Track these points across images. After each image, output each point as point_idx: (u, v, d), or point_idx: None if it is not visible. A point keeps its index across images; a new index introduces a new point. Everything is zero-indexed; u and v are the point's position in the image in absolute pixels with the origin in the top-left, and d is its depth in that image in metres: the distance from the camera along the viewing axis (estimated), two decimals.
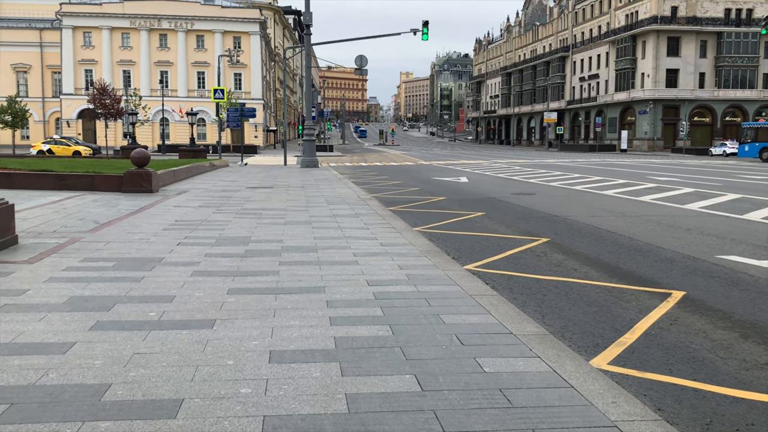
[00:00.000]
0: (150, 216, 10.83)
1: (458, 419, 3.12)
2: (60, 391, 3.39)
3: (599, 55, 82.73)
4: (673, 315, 5.62)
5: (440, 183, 21.96)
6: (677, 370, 4.32)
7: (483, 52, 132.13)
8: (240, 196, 14.71)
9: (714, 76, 71.59)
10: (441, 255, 7.56)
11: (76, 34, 73.59)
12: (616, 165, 36.22)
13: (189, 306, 5.08)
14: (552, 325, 5.28)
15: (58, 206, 11.90)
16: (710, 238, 9.88)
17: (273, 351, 4.05)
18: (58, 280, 5.91)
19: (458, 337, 4.38)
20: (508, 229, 10.89)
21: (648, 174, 26.85)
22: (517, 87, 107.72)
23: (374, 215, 11.40)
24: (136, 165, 15.26)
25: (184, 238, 8.46)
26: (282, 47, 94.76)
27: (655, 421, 3.14)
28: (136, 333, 4.38)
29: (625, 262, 8.05)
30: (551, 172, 28.13)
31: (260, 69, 77.66)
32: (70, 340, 4.20)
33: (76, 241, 8.09)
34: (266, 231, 9.25)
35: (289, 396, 3.36)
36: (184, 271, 6.39)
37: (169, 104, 71.20)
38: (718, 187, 19.53)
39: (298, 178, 22.11)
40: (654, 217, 12.34)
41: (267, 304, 5.15)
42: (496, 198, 16.34)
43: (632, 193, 17.53)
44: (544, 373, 3.73)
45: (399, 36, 32.41)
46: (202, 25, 75.03)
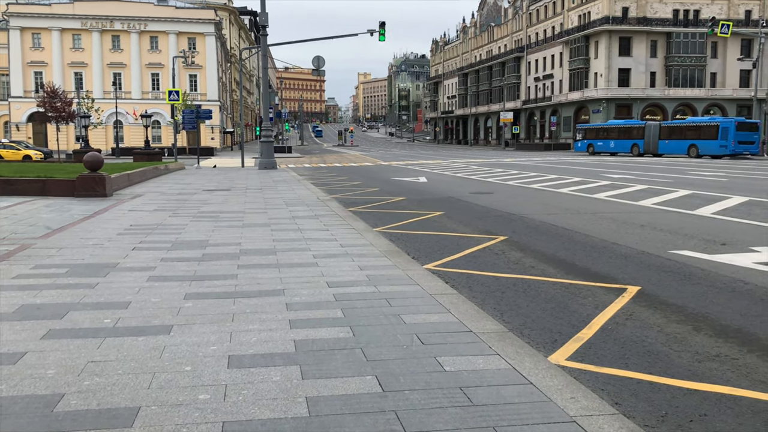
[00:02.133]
0: (104, 221, 10.61)
1: (419, 419, 3.13)
2: (10, 402, 3.29)
3: (553, 56, 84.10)
4: (629, 310, 5.73)
5: (400, 183, 22.02)
6: (633, 364, 4.41)
7: (440, 53, 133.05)
8: (197, 199, 14.52)
9: (664, 75, 73.45)
10: (401, 255, 7.58)
11: (25, 35, 71.76)
12: (571, 163, 36.83)
13: (145, 312, 4.98)
14: (511, 323, 5.33)
15: (7, 212, 11.56)
16: (663, 233, 10.11)
17: (232, 356, 4.00)
18: (7, 288, 5.74)
19: (419, 337, 4.38)
20: (466, 228, 10.97)
21: (602, 172, 27.36)
22: (473, 87, 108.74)
23: (334, 216, 11.37)
24: (89, 169, 14.93)
25: (140, 243, 8.30)
26: (238, 48, 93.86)
27: (613, 415, 3.19)
28: (91, 340, 4.28)
29: (581, 258, 8.18)
30: (508, 171, 28.45)
31: (216, 70, 76.83)
32: (20, 350, 4.08)
33: (27, 247, 7.88)
34: (224, 234, 9.14)
35: (249, 401, 3.32)
36: (140, 276, 6.27)
37: (123, 106, 70.00)
38: (670, 184, 20.00)
39: (257, 180, 21.92)
40: (609, 214, 12.57)
41: (225, 309, 5.08)
42: (454, 197, 16.45)
43: (587, 191, 17.84)
44: (504, 371, 3.76)
45: (357, 37, 32.48)
46: (155, 26, 73.93)
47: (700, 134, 46.15)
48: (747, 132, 44.63)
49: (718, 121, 46.99)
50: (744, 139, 44.26)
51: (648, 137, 50.30)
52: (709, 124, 46.58)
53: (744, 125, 45.02)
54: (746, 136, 44.43)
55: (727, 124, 44.95)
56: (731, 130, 43.87)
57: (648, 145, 50.22)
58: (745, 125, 45.16)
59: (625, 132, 52.93)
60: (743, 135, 44.27)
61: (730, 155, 44.17)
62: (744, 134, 44.32)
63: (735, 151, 43.88)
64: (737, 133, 43.92)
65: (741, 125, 44.80)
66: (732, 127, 44.05)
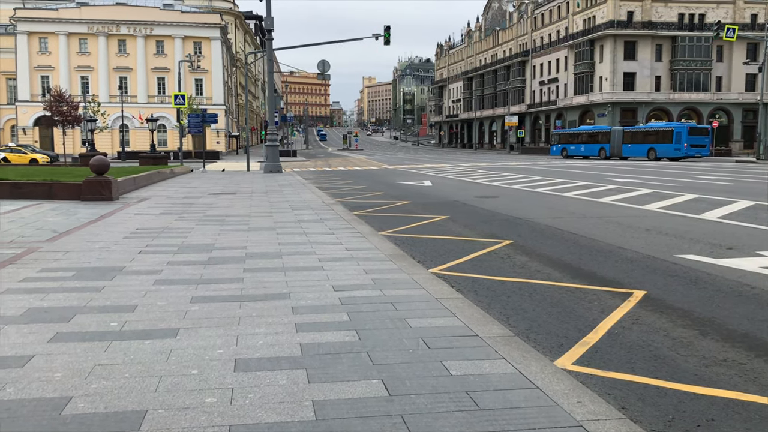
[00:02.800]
0: (110, 224, 10.64)
1: (426, 423, 3.12)
2: (18, 405, 3.30)
3: (558, 60, 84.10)
4: (635, 314, 5.72)
5: (404, 187, 22.03)
6: (640, 369, 4.40)
7: (444, 57, 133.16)
8: (202, 203, 14.55)
9: (669, 79, 73.36)
10: (406, 259, 7.58)
11: (32, 39, 72.12)
12: (577, 167, 36.79)
13: (151, 315, 4.99)
14: (517, 327, 5.32)
15: (14, 216, 11.61)
16: (669, 237, 10.08)
17: (238, 359, 4.00)
18: (15, 291, 5.76)
19: (425, 341, 4.38)
20: (472, 232, 10.97)
21: (608, 175, 27.32)
22: (478, 91, 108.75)
23: (339, 220, 11.38)
24: (96, 172, 14.98)
25: (146, 246, 8.32)
26: (243, 52, 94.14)
27: (620, 420, 3.18)
28: (98, 344, 4.29)
29: (587, 262, 8.16)
30: (513, 175, 28.43)
31: (222, 74, 77.06)
32: (28, 353, 4.10)
33: (34, 251, 7.90)
34: (230, 238, 9.16)
35: (256, 404, 3.32)
36: (146, 279, 6.29)
37: (129, 110, 70.21)
38: (676, 188, 19.95)
39: (262, 183, 21.96)
40: (614, 218, 12.55)
41: (231, 312, 5.09)
42: (459, 201, 16.45)
43: (593, 195, 17.81)
44: (510, 375, 3.76)
45: (362, 41, 32.83)
46: (161, 30, 74.20)
47: (658, 138, 49.73)
48: (699, 136, 48.67)
49: (672, 126, 50.30)
50: (696, 143, 48.17)
51: (613, 141, 53.75)
52: (665, 129, 50.07)
53: (696, 130, 48.91)
54: (698, 140, 48.44)
55: (681, 129, 48.39)
56: (684, 135, 47.59)
57: (613, 148, 53.68)
58: (697, 130, 49.09)
59: (594, 137, 56.64)
60: (695, 139, 48.16)
61: (683, 157, 47.67)
62: (696, 138, 48.25)
63: (687, 153, 47.57)
64: (690, 137, 47.69)
65: (693, 130, 48.55)
66: (684, 132, 47.73)
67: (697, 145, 48.29)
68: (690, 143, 47.76)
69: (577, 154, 57.89)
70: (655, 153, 49.42)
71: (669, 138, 48.58)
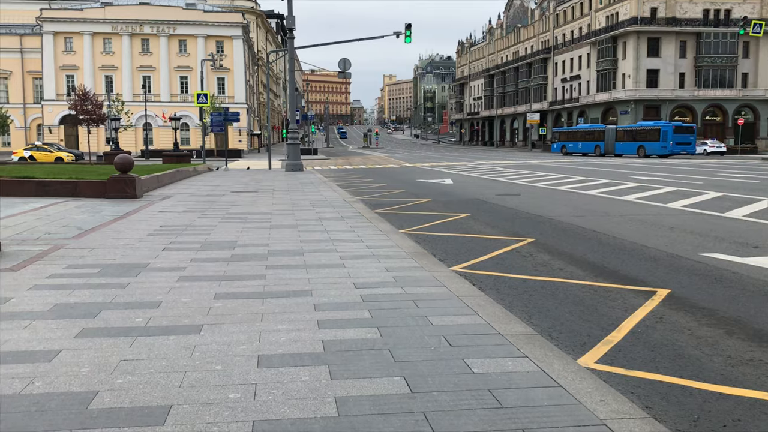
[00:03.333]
0: (134, 222, 10.76)
1: (448, 420, 3.13)
2: (46, 399, 3.36)
3: (581, 57, 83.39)
4: (659, 313, 5.67)
5: (425, 185, 22.00)
6: (664, 368, 4.36)
7: (465, 55, 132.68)
8: (225, 201, 14.66)
9: (694, 76, 72.40)
10: (427, 257, 7.58)
11: (57, 39, 73.07)
12: (599, 165, 36.49)
13: (176, 311, 5.05)
14: (539, 325, 5.30)
15: (41, 213, 11.79)
16: (693, 236, 9.97)
17: (261, 355, 4.03)
18: (42, 287, 5.85)
19: (446, 339, 4.38)
20: (493, 230, 10.93)
21: (630, 173, 27.06)
22: (499, 89, 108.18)
23: (360, 218, 11.40)
24: (120, 170, 15.15)
25: (170, 244, 8.41)
26: (265, 51, 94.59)
27: (644, 419, 3.16)
28: (123, 339, 4.35)
29: (610, 261, 8.10)
30: (535, 173, 28.27)
31: (243, 73, 77.46)
32: (55, 348, 4.16)
33: (60, 248, 8.02)
34: (252, 235, 9.22)
35: (279, 400, 3.35)
36: (170, 276, 6.35)
37: (152, 109, 70.88)
38: (700, 186, 19.72)
39: (283, 181, 22.07)
40: (637, 216, 12.43)
41: (254, 309, 5.13)
42: (480, 199, 16.39)
43: (615, 193, 17.66)
44: (533, 373, 3.75)
45: (382, 39, 32.82)
46: (184, 29, 74.77)
47: (647, 137, 52.85)
48: (684, 135, 51.52)
49: (660, 125, 53.17)
50: (681, 141, 51.10)
51: (607, 139, 56.99)
52: (653, 128, 52.97)
53: (681, 129, 52.06)
54: (683, 138, 51.30)
55: (667, 128, 51.48)
56: (670, 133, 50.68)
57: (607, 146, 56.87)
58: (682, 129, 52.20)
59: (590, 135, 59.96)
60: (680, 137, 51.11)
61: (670, 154, 50.58)
62: (681, 137, 51.18)
63: (673, 151, 50.68)
64: (675, 136, 50.81)
65: (678, 129, 51.77)
66: (670, 131, 50.85)
67: (682, 143, 51.04)
68: (675, 141, 50.75)
69: (575, 151, 60.93)
70: (644, 150, 52.16)
71: (656, 136, 51.59)
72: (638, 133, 54.32)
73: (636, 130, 55.09)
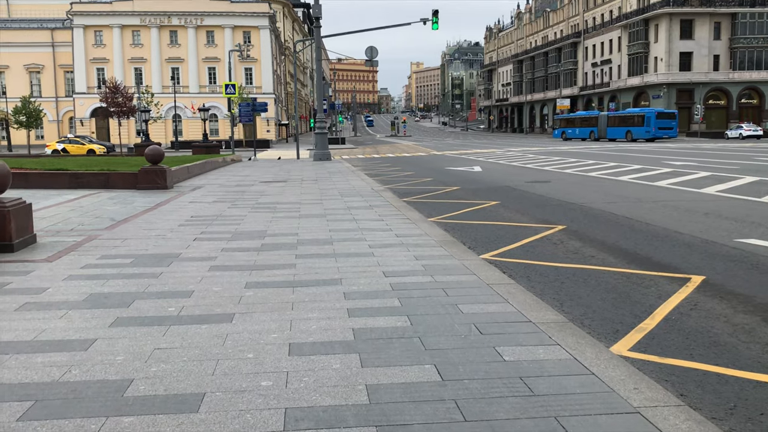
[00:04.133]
0: (166, 212, 10.89)
1: (479, 408, 3.12)
2: (83, 387, 3.42)
3: (611, 40, 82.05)
4: (693, 300, 5.58)
5: (453, 173, 21.91)
6: (699, 355, 4.29)
7: (494, 40, 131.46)
8: (254, 191, 14.76)
9: (729, 58, 70.80)
10: (457, 245, 7.55)
11: (87, 33, 74.05)
12: (631, 150, 35.97)
13: (207, 300, 5.10)
14: (571, 313, 5.25)
15: (74, 204, 11.99)
16: (728, 221, 9.79)
17: (292, 343, 4.06)
18: (77, 277, 5.96)
19: (477, 327, 4.37)
20: (523, 217, 10.85)
21: (663, 159, 26.64)
22: (529, 74, 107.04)
23: (388, 207, 11.40)
24: (151, 162, 15.33)
25: (201, 234, 8.50)
26: (292, 41, 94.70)
27: (678, 407, 3.12)
28: (156, 328, 4.41)
29: (643, 247, 7.99)
30: (565, 159, 27.98)
31: (270, 63, 77.73)
32: (91, 337, 4.24)
33: (94, 238, 8.15)
34: (281, 225, 9.28)
35: (310, 388, 3.37)
36: (202, 266, 6.42)
37: (181, 101, 71.53)
38: (736, 171, 19.34)
39: (312, 171, 22.14)
40: (671, 202, 12.24)
41: (285, 297, 5.16)
42: (510, 186, 16.28)
43: (648, 179, 17.40)
44: (565, 361, 3.72)
45: (409, 26, 32.60)
46: (211, 20, 75.20)
47: (633, 122, 56.50)
48: (666, 120, 54.62)
49: (644, 112, 56.89)
50: (663, 126, 54.17)
51: (600, 125, 61.07)
52: (638, 114, 56.99)
53: (663, 114, 55.29)
54: (666, 123, 54.38)
55: (650, 114, 55.19)
56: (653, 119, 54.08)
57: (600, 131, 60.85)
58: (665, 114, 55.43)
59: (586, 121, 64.33)
60: (663, 122, 54.17)
61: (653, 138, 53.92)
62: (664, 122, 54.28)
63: (656, 135, 53.84)
64: (658, 121, 54.02)
65: (660, 114, 55.05)
66: (653, 117, 54.31)
67: (664, 127, 54.21)
68: (658, 126, 53.97)
69: (574, 136, 65.13)
70: (631, 135, 56.04)
71: (641, 122, 55.15)
72: (626, 119, 58.19)
73: (624, 116, 59.24)
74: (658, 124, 54.17)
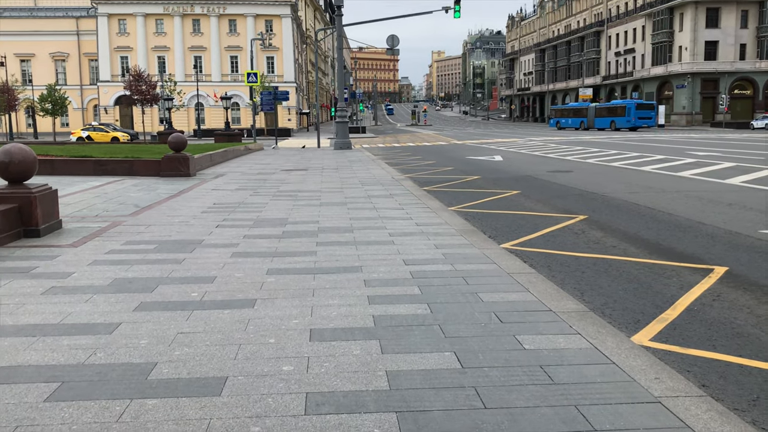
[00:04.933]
0: (188, 199, 10.99)
1: (499, 396, 3.13)
2: (108, 369, 3.48)
3: (635, 29, 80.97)
4: (716, 291, 5.53)
5: (474, 162, 21.82)
6: (721, 346, 4.26)
7: (516, 29, 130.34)
8: (275, 179, 14.83)
9: (756, 47, 69.58)
10: (477, 234, 7.54)
11: (112, 21, 74.58)
12: (654, 140, 35.56)
13: (230, 286, 5.15)
14: (592, 302, 5.23)
15: (99, 191, 12.14)
16: (753, 212, 9.66)
17: (313, 329, 4.10)
18: (101, 262, 6.05)
19: (497, 315, 4.37)
20: (544, 207, 10.79)
21: (687, 149, 26.31)
22: (551, 63, 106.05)
23: (409, 195, 11.40)
24: (174, 150, 15.46)
25: (223, 221, 8.57)
26: (313, 29, 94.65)
27: (700, 397, 3.10)
28: (179, 313, 4.46)
29: (665, 238, 7.92)
30: (588, 149, 27.74)
31: (292, 52, 77.78)
32: (115, 321, 4.31)
33: (118, 224, 8.26)
34: (302, 212, 9.32)
35: (331, 373, 3.40)
36: (224, 252, 6.48)
37: (204, 89, 71.85)
38: (761, 161, 19.05)
39: (332, 160, 22.18)
40: (694, 193, 12.10)
41: (306, 284, 5.20)
42: (531, 176, 16.19)
43: (671, 169, 17.21)
44: (585, 350, 3.71)
45: (431, 14, 32.42)
46: (234, 9, 75.36)
47: (616, 113, 61.36)
48: (645, 111, 59.50)
49: (625, 103, 61.75)
50: (643, 116, 58.94)
51: (589, 116, 66.19)
52: (621, 105, 61.90)
53: (643, 105, 60.25)
54: (645, 113, 59.25)
55: (631, 105, 60.00)
56: (633, 110, 58.93)
57: (589, 121, 65.83)
58: (644, 105, 60.40)
59: (577, 112, 69.37)
60: (642, 113, 59.05)
61: (633, 127, 58.48)
62: (643, 112, 59.15)
63: (635, 124, 58.53)
64: (637, 112, 58.88)
65: (640, 105, 59.99)
66: (633, 108, 59.12)
67: (643, 117, 58.97)
68: (638, 116, 58.73)
69: (566, 126, 70.19)
70: (615, 124, 60.85)
71: (623, 112, 59.90)
72: (611, 109, 63.14)
73: (609, 107, 64.13)
74: (638, 114, 58.86)
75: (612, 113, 62.35)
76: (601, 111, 64.87)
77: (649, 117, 59.49)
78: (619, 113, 60.95)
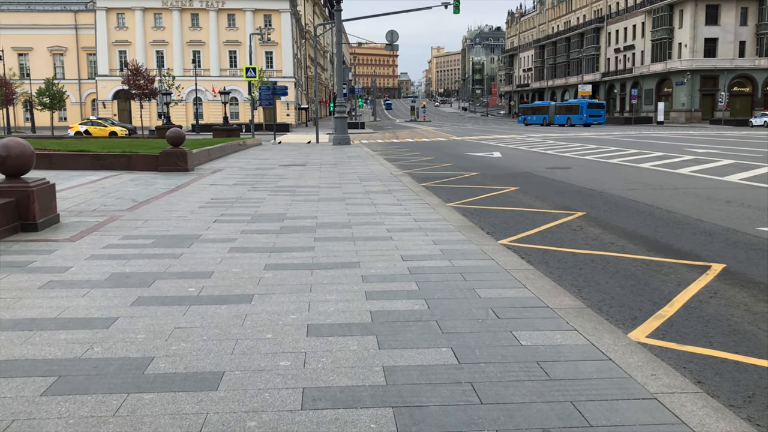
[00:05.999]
0: (186, 194, 10.98)
1: (496, 391, 3.13)
2: (105, 364, 3.48)
3: (635, 26, 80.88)
4: (713, 288, 5.54)
5: (473, 158, 21.82)
6: (717, 343, 4.27)
7: (515, 25, 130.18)
8: (274, 174, 14.82)
9: (755, 44, 69.53)
10: (475, 230, 7.54)
11: (110, 15, 74.36)
12: (653, 137, 35.57)
13: (227, 281, 5.15)
14: (589, 299, 5.24)
15: (96, 185, 12.13)
16: (751, 210, 9.67)
17: (310, 325, 4.10)
18: (99, 257, 6.04)
19: (494, 311, 4.37)
20: (542, 203, 10.80)
21: (686, 146, 26.32)
22: (550, 60, 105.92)
23: (407, 191, 11.40)
24: (172, 144, 15.44)
25: (221, 216, 8.56)
26: (312, 24, 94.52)
27: (696, 393, 3.11)
28: (177, 308, 4.46)
29: (663, 235, 7.93)
30: (586, 146, 27.74)
31: (291, 47, 77.62)
32: (113, 315, 4.31)
33: (116, 219, 8.25)
34: (301, 208, 9.32)
35: (328, 369, 3.40)
36: (222, 247, 6.48)
37: (202, 84, 71.74)
38: (759, 159, 19.06)
39: (331, 155, 22.17)
40: (692, 190, 12.11)
41: (303, 279, 5.20)
42: (530, 172, 16.19)
43: (670, 166, 17.22)
44: (582, 346, 3.72)
45: (430, 10, 32.40)
46: (232, 3, 75.16)
47: (571, 111, 67.93)
48: (596, 109, 67.05)
49: (578, 102, 69.13)
50: (593, 114, 66.33)
51: (550, 113, 71.78)
52: (575, 104, 68.91)
53: (594, 105, 68.02)
54: (595, 111, 66.71)
55: (583, 104, 67.57)
56: (584, 108, 66.39)
57: (550, 118, 71.26)
58: (595, 105, 68.16)
59: (540, 110, 75.23)
60: (593, 111, 66.58)
61: (586, 124, 65.40)
62: (594, 110, 66.65)
63: (587, 121, 65.78)
64: (589, 110, 66.33)
65: (591, 104, 67.76)
66: (585, 106, 66.70)
67: (594, 115, 66.20)
68: (589, 114, 65.96)
69: (532, 122, 75.00)
70: (570, 121, 67.05)
71: (577, 111, 66.76)
72: (567, 108, 69.51)
73: (566, 105, 70.78)
74: (589, 112, 66.15)
75: (569, 111, 68.60)
76: (560, 109, 70.97)
77: (599, 115, 66.76)
78: (573, 111, 67.61)
